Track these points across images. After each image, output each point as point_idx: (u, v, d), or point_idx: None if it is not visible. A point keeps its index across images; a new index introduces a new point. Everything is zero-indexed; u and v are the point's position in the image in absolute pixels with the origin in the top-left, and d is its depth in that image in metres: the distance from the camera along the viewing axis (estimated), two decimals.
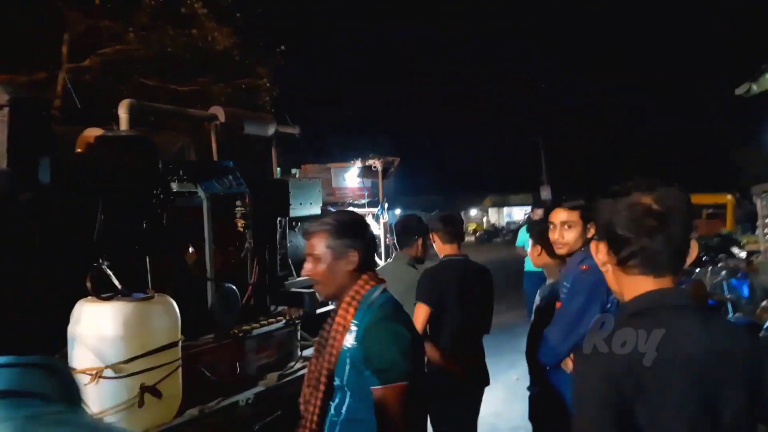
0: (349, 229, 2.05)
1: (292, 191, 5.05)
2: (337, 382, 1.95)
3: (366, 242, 2.10)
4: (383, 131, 23.09)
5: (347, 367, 1.92)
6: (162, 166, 3.94)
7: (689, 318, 1.21)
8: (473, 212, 43.62)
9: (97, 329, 2.95)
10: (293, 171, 14.73)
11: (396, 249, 5.33)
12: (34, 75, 13.03)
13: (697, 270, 7.59)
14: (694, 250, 1.26)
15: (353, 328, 1.97)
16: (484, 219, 42.96)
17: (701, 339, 1.17)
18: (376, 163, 5.65)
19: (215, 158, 5.05)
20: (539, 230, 3.35)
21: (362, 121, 22.82)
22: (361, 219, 2.20)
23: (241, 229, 4.22)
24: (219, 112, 5.07)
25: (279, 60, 16.35)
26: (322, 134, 20.84)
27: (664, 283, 1.26)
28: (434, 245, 3.98)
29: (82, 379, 2.96)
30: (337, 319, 2.02)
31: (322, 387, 1.97)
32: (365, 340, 1.88)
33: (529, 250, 3.63)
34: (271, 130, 5.53)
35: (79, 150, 4.02)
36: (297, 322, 4.36)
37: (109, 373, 2.92)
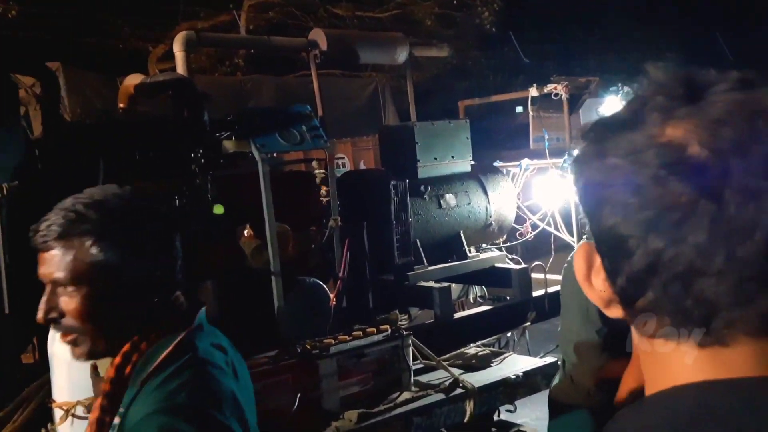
0: (138, 228, 1.41)
1: (421, 141, 4.45)
2: None
3: (167, 253, 1.45)
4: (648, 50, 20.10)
5: None
6: (208, 118, 3.66)
7: None
8: None
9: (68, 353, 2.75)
10: (518, 109, 13.95)
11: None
12: (217, 18, 14.25)
13: None
14: None
15: (115, 422, 1.37)
16: None
17: None
18: (559, 89, 4.66)
19: (318, 102, 4.65)
20: None
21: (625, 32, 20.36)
22: (154, 207, 1.48)
23: (323, 200, 3.77)
24: (319, 36, 4.63)
25: None
26: (575, 50, 19.20)
27: (734, 361, 0.62)
28: None
29: (55, 415, 2.82)
30: (98, 401, 1.42)
31: None
32: None
33: None
34: (401, 56, 4.92)
35: (121, 105, 3.95)
36: (407, 333, 3.76)
37: (81, 411, 2.71)
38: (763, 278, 0.58)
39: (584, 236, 4.16)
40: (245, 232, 3.69)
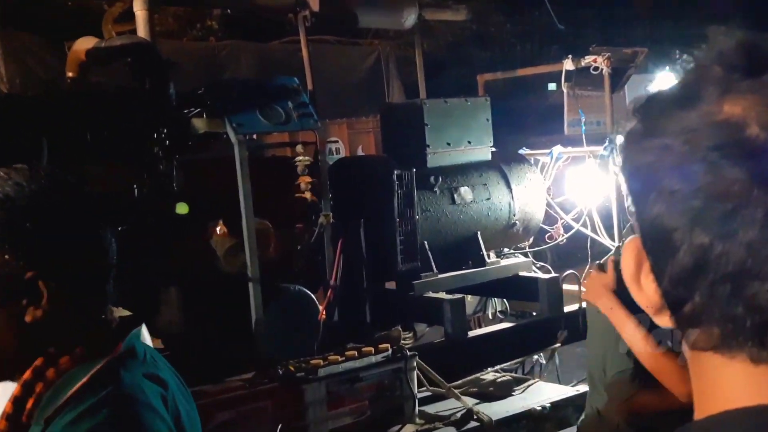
0: (31, 220, 1.36)
1: (431, 122, 4.49)
2: None
3: (75, 255, 1.39)
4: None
5: None
6: (174, 91, 3.71)
7: None
8: None
9: None
10: (550, 86, 13.96)
11: None
12: None
13: None
14: None
15: None
16: None
17: None
18: (599, 62, 4.68)
19: (308, 74, 4.67)
20: None
21: None
22: (65, 192, 1.42)
23: (306, 195, 3.80)
24: None
25: None
26: (621, 16, 19.18)
27: None
28: None
29: None
30: None
31: None
32: None
33: None
34: (409, 19, 4.95)
35: (69, 74, 3.98)
36: (412, 353, 3.79)
37: None
38: None
39: (624, 232, 4.17)
40: (218, 229, 3.73)
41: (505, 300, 5.05)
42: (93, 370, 1.34)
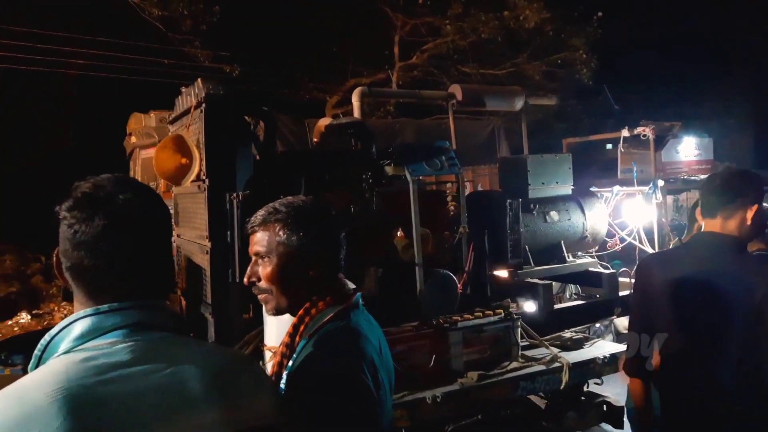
0: (313, 221, 1.50)
1: (532, 169, 4.43)
2: None
3: (332, 242, 1.52)
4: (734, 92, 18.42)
5: None
6: (375, 150, 3.85)
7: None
8: None
9: None
10: (607, 146, 13.26)
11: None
12: (375, 75, 14.71)
13: None
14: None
15: (290, 364, 1.45)
16: None
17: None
18: (647, 131, 4.48)
19: (453, 138, 4.74)
20: None
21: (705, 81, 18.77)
22: (326, 209, 1.56)
23: (453, 213, 3.84)
24: (456, 90, 4.73)
25: (596, 29, 14.76)
26: (657, 100, 18.02)
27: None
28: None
29: (266, 356, 3.07)
30: (280, 348, 1.51)
31: None
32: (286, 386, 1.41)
33: None
34: (519, 104, 4.92)
35: (315, 140, 4.22)
36: (517, 316, 3.75)
37: None
38: None
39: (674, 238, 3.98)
40: (398, 233, 3.83)
41: (578, 286, 4.89)
42: (336, 311, 1.48)
